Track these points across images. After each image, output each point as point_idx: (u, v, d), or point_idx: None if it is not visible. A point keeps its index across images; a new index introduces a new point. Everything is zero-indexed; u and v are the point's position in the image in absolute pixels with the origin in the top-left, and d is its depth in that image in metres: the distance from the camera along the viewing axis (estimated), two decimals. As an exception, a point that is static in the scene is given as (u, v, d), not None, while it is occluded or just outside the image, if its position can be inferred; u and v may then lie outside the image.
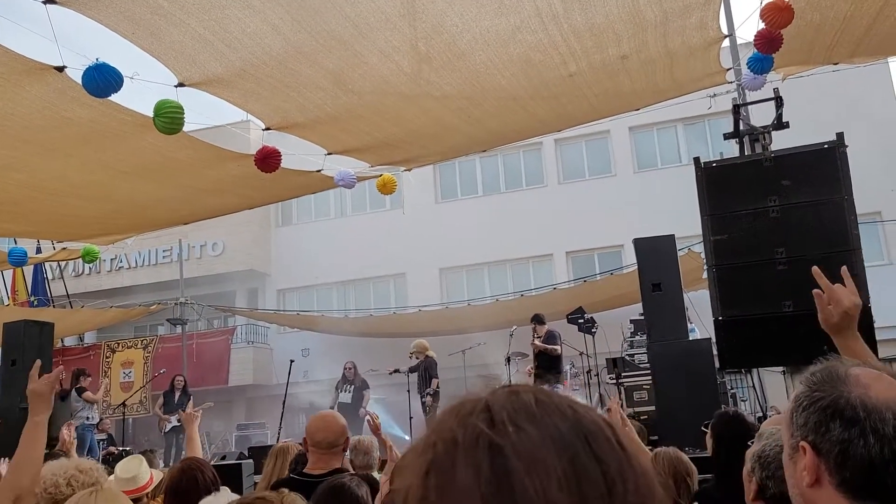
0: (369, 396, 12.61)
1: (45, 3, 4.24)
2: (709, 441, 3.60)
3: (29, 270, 15.52)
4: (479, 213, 19.16)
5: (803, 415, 1.24)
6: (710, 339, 7.33)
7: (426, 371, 11.19)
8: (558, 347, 10.31)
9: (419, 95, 6.15)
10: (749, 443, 2.45)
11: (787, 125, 6.60)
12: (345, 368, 12.90)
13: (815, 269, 1.98)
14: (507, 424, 0.64)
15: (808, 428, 1.22)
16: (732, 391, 10.79)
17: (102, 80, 4.67)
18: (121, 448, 9.95)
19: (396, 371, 11.73)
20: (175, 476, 3.25)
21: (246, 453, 9.68)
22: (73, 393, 10.93)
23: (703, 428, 3.81)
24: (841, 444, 1.17)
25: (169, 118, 5.21)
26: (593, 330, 11.21)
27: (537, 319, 10.58)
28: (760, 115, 7.31)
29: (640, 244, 7.90)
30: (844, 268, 2.00)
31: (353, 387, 12.54)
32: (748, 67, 6.43)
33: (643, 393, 9.13)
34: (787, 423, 1.28)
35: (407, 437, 11.04)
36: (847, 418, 1.18)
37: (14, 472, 2.16)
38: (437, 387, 11.24)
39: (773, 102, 6.80)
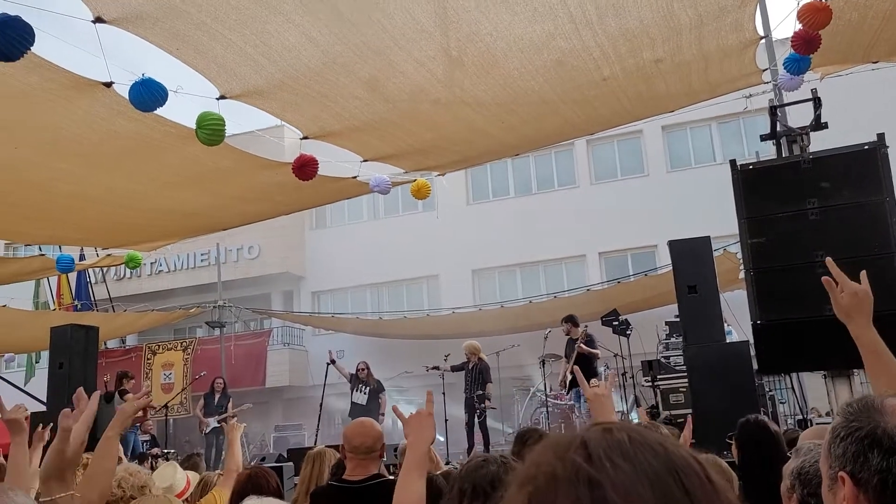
0: (386, 400, 12.29)
1: (94, 21, 4.39)
2: (734, 451, 3.60)
3: (73, 275, 15.91)
4: (511, 214, 19.16)
5: (841, 445, 1.25)
6: (747, 341, 7.27)
7: (480, 374, 11.16)
8: (598, 351, 10.37)
9: (453, 102, 6.21)
10: (789, 454, 2.45)
11: (825, 126, 6.52)
12: (357, 369, 12.61)
13: (828, 259, 2.02)
14: (604, 460, 0.69)
15: (846, 458, 1.24)
16: (770, 393, 10.68)
17: (148, 94, 4.81)
18: (165, 450, 10.17)
19: (435, 368, 11.63)
20: (242, 481, 3.40)
21: (285, 455, 9.83)
22: (117, 395, 11.19)
23: (727, 439, 3.80)
24: (880, 474, 1.19)
25: (211, 130, 5.34)
26: (628, 332, 11.18)
27: (572, 321, 10.54)
28: (798, 116, 7.24)
29: (675, 246, 7.85)
30: (863, 272, 2.02)
31: (367, 388, 12.26)
32: (785, 68, 6.37)
33: (679, 396, 9.07)
34: (826, 455, 1.30)
35: (442, 438, 11.11)
36: (885, 448, 1.19)
37: (86, 484, 2.26)
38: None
39: (810, 103, 6.73)
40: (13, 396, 13.13)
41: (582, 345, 10.25)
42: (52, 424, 3.00)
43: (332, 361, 12.26)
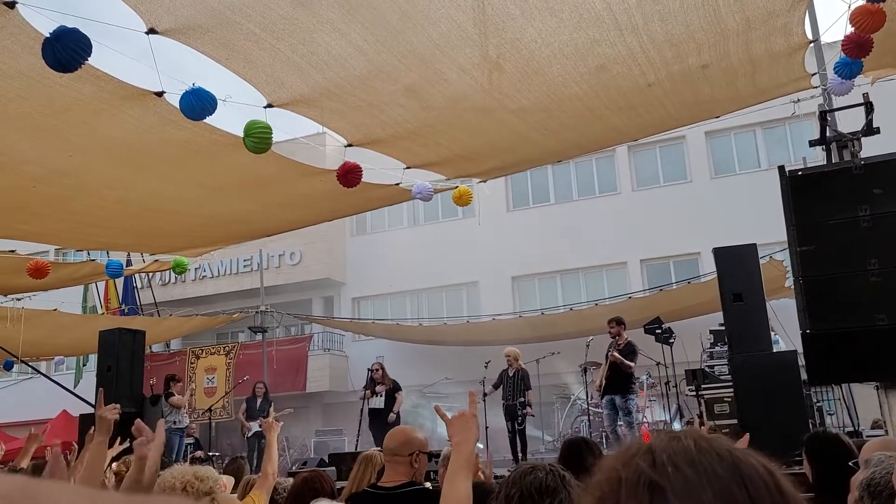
0: (402, 399, 11.74)
1: (147, 32, 4.50)
2: (807, 466, 3.45)
3: (119, 280, 16.29)
4: (552, 221, 19.07)
5: None
6: (795, 350, 7.13)
7: (522, 381, 11.05)
8: (633, 365, 10.13)
9: (496, 109, 6.22)
10: (851, 464, 2.38)
11: (877, 131, 6.37)
12: (372, 370, 11.79)
13: None
14: (667, 465, 0.70)
15: None
16: (818, 404, 10.43)
17: (198, 103, 4.92)
18: (209, 453, 10.32)
19: (486, 395, 11.29)
20: (299, 484, 3.44)
21: (326, 460, 9.91)
22: (162, 398, 11.40)
23: (797, 456, 3.67)
24: None
25: (258, 138, 5.43)
26: (671, 340, 11.02)
27: (621, 323, 10.31)
28: (848, 121, 7.08)
29: (720, 253, 7.74)
30: None
31: (384, 389, 11.63)
32: (835, 72, 6.25)
33: (724, 406, 8.92)
34: None
35: (480, 445, 11.06)
36: None
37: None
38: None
39: (861, 107, 6.58)
40: (63, 398, 13.49)
41: (615, 353, 10.03)
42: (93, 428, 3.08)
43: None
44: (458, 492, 2.32)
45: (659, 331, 10.82)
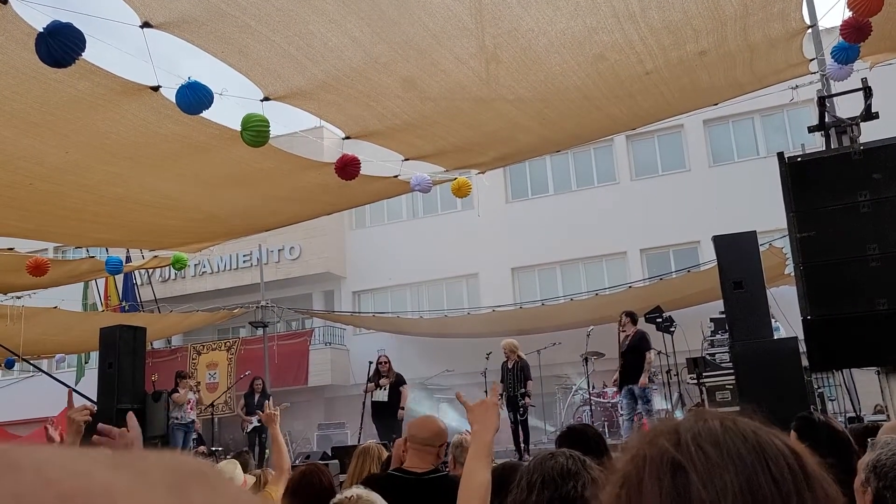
0: (407, 392, 11.73)
1: (141, 26, 4.48)
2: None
3: (119, 277, 16.27)
4: (551, 211, 19.05)
5: None
6: (795, 337, 7.13)
7: (521, 372, 11.06)
8: (651, 358, 10.41)
9: (494, 99, 6.20)
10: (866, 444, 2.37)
11: (876, 116, 6.34)
12: (378, 362, 11.76)
13: None
14: (690, 445, 0.71)
15: None
16: (819, 391, 10.44)
17: (194, 97, 4.90)
18: (212, 448, 10.32)
19: (501, 395, 11.32)
20: (296, 478, 3.43)
21: (329, 453, 9.91)
22: (165, 395, 11.39)
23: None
24: None
25: (256, 131, 5.41)
26: (672, 329, 11.03)
27: (630, 316, 10.58)
28: (847, 106, 7.06)
29: (719, 241, 7.71)
30: None
31: (388, 382, 11.57)
32: (832, 57, 6.23)
33: (726, 393, 8.93)
34: None
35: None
36: None
37: None
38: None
39: (860, 92, 6.55)
40: (65, 395, 13.48)
41: (644, 380, 10.26)
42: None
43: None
44: (476, 479, 2.32)
45: (660, 320, 10.84)
